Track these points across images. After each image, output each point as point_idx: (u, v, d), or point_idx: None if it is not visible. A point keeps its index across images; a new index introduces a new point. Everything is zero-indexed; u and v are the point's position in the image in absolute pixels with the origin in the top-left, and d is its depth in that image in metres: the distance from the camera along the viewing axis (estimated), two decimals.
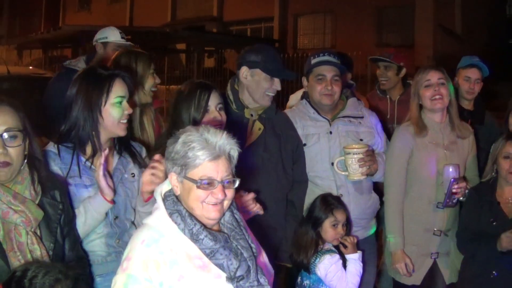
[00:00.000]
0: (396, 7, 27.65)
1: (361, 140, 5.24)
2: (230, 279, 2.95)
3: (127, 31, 6.76)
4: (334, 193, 5.08)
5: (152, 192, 3.49)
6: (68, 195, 3.62)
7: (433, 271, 5.32)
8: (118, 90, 3.82)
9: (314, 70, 5.27)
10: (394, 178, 5.19)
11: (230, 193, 3.04)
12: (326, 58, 5.27)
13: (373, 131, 5.36)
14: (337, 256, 4.66)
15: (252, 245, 3.13)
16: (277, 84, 5.01)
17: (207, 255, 2.95)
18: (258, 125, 4.98)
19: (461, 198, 5.10)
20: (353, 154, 4.96)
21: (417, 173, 5.21)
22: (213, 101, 4.23)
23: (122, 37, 7.10)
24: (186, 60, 31.65)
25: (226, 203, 3.05)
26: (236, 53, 27.19)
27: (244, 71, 5.03)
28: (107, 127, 3.84)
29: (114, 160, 3.99)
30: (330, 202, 4.79)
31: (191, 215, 2.98)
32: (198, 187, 2.97)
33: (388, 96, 6.85)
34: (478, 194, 5.07)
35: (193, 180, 2.96)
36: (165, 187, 3.15)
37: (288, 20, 32.86)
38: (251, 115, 5.00)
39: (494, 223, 4.88)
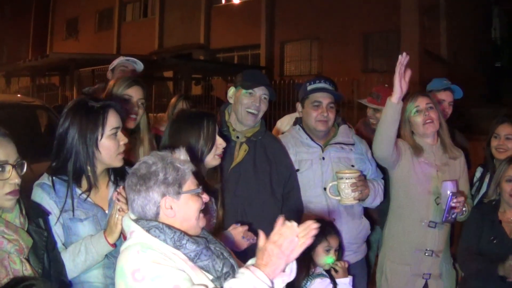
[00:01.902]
0: (382, 33, 27.90)
1: (352, 166, 5.26)
2: (218, 278, 2.99)
3: (114, 59, 6.79)
4: (326, 218, 5.10)
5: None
6: (48, 223, 3.60)
7: None
8: (112, 121, 3.74)
9: (310, 97, 5.29)
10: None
11: None
12: (323, 85, 5.29)
13: (364, 157, 5.39)
14: (327, 280, 4.65)
15: (226, 248, 3.23)
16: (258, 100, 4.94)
17: (192, 259, 2.99)
18: (244, 147, 4.94)
19: (460, 215, 5.13)
20: (346, 179, 4.98)
21: (410, 190, 5.24)
22: (217, 129, 4.23)
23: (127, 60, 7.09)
24: (174, 88, 31.72)
25: None
26: (223, 80, 27.34)
27: (230, 92, 5.09)
28: (104, 160, 3.75)
29: (110, 191, 3.88)
30: (323, 227, 4.79)
31: (168, 226, 3.02)
32: (197, 195, 3.10)
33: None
34: (480, 213, 5.15)
35: (193, 190, 3.08)
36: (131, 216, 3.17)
37: (274, 47, 33.04)
38: (237, 137, 4.97)
39: (495, 241, 4.93)
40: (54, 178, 3.75)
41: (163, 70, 32.39)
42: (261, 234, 2.96)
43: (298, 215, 5.09)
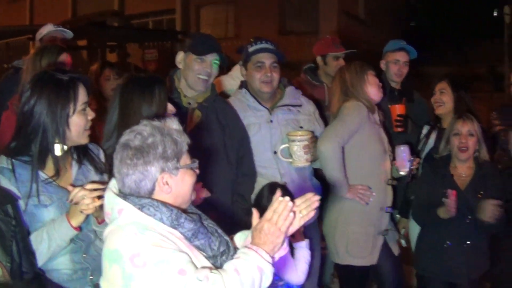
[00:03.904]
0: None
1: (301, 127, 5.30)
2: (213, 256, 2.92)
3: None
4: (278, 181, 5.13)
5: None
6: (18, 209, 3.34)
7: (384, 247, 5.46)
8: (82, 96, 3.53)
9: (252, 58, 5.30)
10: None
11: None
12: (264, 45, 5.31)
13: (312, 118, 5.44)
14: (284, 245, 4.66)
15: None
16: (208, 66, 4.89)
17: (189, 238, 2.88)
18: (196, 113, 4.90)
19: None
20: (298, 141, 5.00)
21: (371, 152, 5.33)
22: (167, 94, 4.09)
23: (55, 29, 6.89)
24: (88, 56, 31.11)
25: None
26: (139, 47, 26.93)
27: (179, 57, 4.99)
28: (71, 138, 3.53)
29: (73, 170, 3.67)
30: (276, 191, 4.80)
31: (164, 203, 2.88)
32: (192, 169, 2.99)
33: (324, 83, 6.91)
34: (432, 168, 5.29)
35: (190, 164, 2.97)
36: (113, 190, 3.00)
37: (190, 12, 32.65)
38: (189, 104, 4.92)
39: (447, 194, 5.02)
40: (13, 160, 3.47)
41: (77, 39, 31.69)
42: (255, 213, 2.96)
43: (252, 180, 5.12)
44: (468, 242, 5.10)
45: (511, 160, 5.50)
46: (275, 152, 5.23)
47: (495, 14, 29.14)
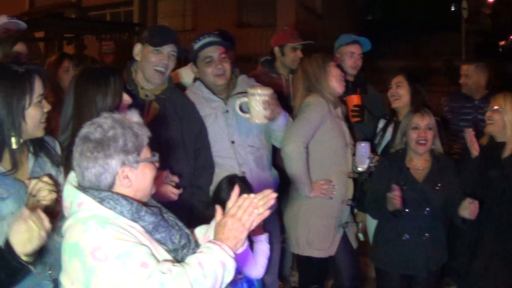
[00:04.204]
0: None
1: None
2: (174, 250, 2.90)
3: None
4: (236, 170, 5.15)
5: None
6: None
7: (343, 240, 5.49)
8: (39, 88, 3.45)
9: (200, 55, 5.27)
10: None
11: None
12: (208, 39, 5.27)
13: None
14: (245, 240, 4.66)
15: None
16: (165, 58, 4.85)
17: (150, 231, 2.86)
18: (154, 105, 4.86)
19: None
20: (258, 95, 4.90)
21: (333, 146, 5.37)
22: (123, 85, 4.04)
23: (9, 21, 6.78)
24: (45, 48, 30.77)
25: None
26: (96, 39, 26.73)
27: (136, 49, 4.95)
28: (27, 130, 3.45)
29: (30, 163, 3.59)
30: (236, 184, 4.78)
31: (124, 196, 2.85)
32: (153, 163, 2.96)
33: (282, 75, 6.91)
34: (388, 161, 5.29)
35: (150, 158, 2.95)
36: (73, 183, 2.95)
37: (147, 4, 32.47)
38: (146, 96, 4.88)
39: (405, 187, 5.08)
40: None
41: (34, 31, 31.35)
42: (218, 209, 2.96)
43: (210, 172, 5.11)
44: (427, 235, 5.13)
45: (464, 152, 5.56)
46: (232, 142, 5.23)
47: (453, 8, 29.46)
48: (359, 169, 5.47)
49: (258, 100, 4.90)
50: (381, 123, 6.13)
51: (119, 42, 25.38)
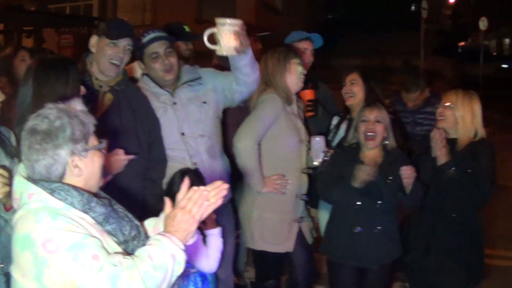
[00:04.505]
0: None
1: (204, 103, 5.31)
2: (125, 242, 2.89)
3: None
4: (188, 162, 5.15)
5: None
6: None
7: (299, 235, 5.50)
8: None
9: (146, 51, 5.24)
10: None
11: None
12: (152, 35, 5.25)
13: (216, 85, 5.42)
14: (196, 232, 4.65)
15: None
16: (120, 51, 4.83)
17: (100, 223, 2.84)
18: (108, 96, 4.84)
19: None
20: (228, 25, 4.55)
21: (287, 142, 5.38)
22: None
23: None
24: (4, 41, 30.42)
25: None
26: (55, 33, 26.49)
27: (92, 41, 4.92)
28: None
29: None
30: (189, 178, 4.76)
31: (74, 187, 2.82)
32: (100, 151, 2.95)
33: None
34: (342, 154, 5.32)
35: (98, 145, 2.93)
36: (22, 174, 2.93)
37: None
38: (100, 87, 4.85)
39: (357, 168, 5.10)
40: None
41: None
42: (167, 201, 2.97)
43: (163, 165, 5.11)
44: (379, 228, 5.16)
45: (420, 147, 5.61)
46: (182, 134, 5.22)
47: (413, 8, 29.73)
48: (314, 163, 5.50)
49: (228, 30, 4.55)
50: (335, 120, 6.17)
51: (78, 36, 25.18)
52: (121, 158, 4.18)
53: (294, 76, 5.44)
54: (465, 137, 5.21)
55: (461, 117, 5.21)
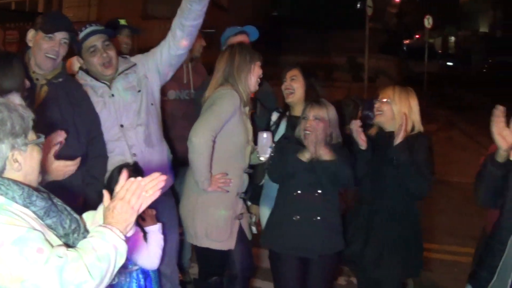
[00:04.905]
0: None
1: (139, 91, 5.33)
2: (66, 235, 2.87)
3: None
4: (127, 154, 5.18)
5: None
6: None
7: (239, 231, 5.51)
8: None
9: (84, 46, 5.23)
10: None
11: None
12: (90, 29, 5.24)
13: (148, 68, 5.47)
14: (136, 229, 4.63)
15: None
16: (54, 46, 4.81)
17: (41, 217, 2.82)
18: (44, 89, 4.81)
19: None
20: None
21: (235, 141, 5.37)
22: None
23: None
24: None
25: None
26: (0, 29, 26.12)
27: (29, 35, 4.91)
28: None
29: None
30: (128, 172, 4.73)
31: (15, 181, 2.79)
32: (39, 145, 2.92)
33: (184, 64, 6.84)
34: (288, 140, 5.35)
35: (38, 140, 2.90)
36: None
37: None
38: (37, 80, 4.81)
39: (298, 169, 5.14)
40: None
41: None
42: (106, 194, 2.98)
43: (104, 161, 5.10)
44: (318, 217, 5.19)
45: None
46: (121, 126, 5.23)
47: (358, 6, 29.95)
48: (261, 158, 5.52)
49: None
50: (274, 116, 6.15)
51: (23, 32, 24.86)
52: (64, 166, 4.13)
53: (255, 78, 5.44)
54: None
55: (398, 112, 5.26)
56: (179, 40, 5.35)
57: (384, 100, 5.32)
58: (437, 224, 9.79)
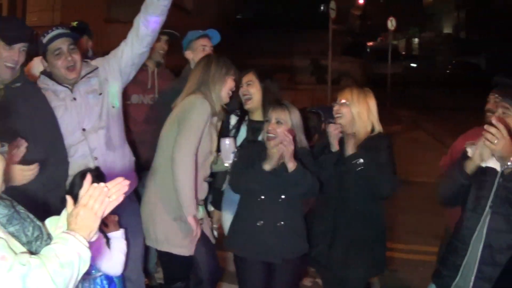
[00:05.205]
0: None
1: (100, 94, 5.30)
2: (28, 242, 2.86)
3: None
4: (89, 157, 5.14)
5: None
6: None
7: (201, 236, 5.48)
8: None
9: (49, 48, 5.18)
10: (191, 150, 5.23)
11: None
12: (56, 32, 5.18)
13: (110, 69, 5.44)
14: (99, 235, 4.60)
15: None
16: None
17: (4, 224, 2.81)
18: (1, 93, 4.73)
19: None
20: None
21: (200, 148, 5.33)
22: None
23: None
24: None
25: None
26: None
27: None
28: None
29: None
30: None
31: None
32: (2, 154, 2.91)
33: (147, 67, 6.83)
34: (250, 150, 5.37)
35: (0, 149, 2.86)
36: None
37: None
38: None
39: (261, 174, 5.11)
40: None
41: None
42: (69, 200, 2.96)
43: (66, 166, 5.03)
44: (282, 222, 5.18)
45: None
46: (83, 129, 5.19)
47: (322, 8, 30.08)
48: (226, 164, 5.52)
49: None
50: (233, 120, 6.14)
51: None
52: (21, 171, 4.10)
53: (227, 90, 5.44)
54: (363, 132, 5.28)
55: (357, 113, 5.28)
56: (143, 37, 5.32)
57: (343, 102, 5.34)
58: (403, 224, 9.86)
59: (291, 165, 5.02)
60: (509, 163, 3.78)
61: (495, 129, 3.73)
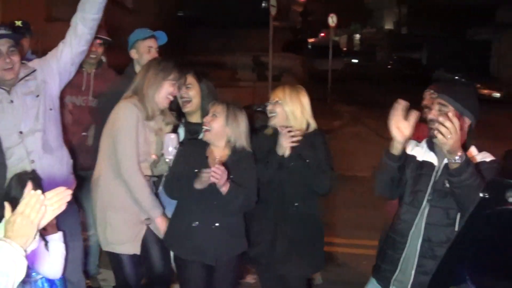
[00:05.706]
0: None
1: (37, 96, 5.22)
2: None
3: None
4: (26, 160, 5.08)
5: None
6: None
7: (150, 235, 5.48)
8: None
9: None
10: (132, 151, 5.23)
11: None
12: None
13: (48, 71, 5.37)
14: (36, 237, 4.55)
15: None
16: None
17: None
18: None
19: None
20: None
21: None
22: None
23: None
24: None
25: None
26: None
27: None
28: None
29: None
30: (25, 181, 4.63)
31: None
32: None
33: (83, 69, 6.75)
34: (191, 147, 5.31)
35: None
36: None
37: None
38: None
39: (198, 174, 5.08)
40: None
41: None
42: (7, 206, 2.94)
43: (3, 170, 5.01)
44: (217, 224, 5.16)
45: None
46: (20, 132, 5.11)
47: (263, 5, 30.11)
48: (167, 160, 5.48)
49: None
50: None
51: None
52: None
53: (163, 95, 5.36)
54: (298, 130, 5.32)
55: (291, 112, 5.31)
56: (81, 36, 5.28)
57: (276, 101, 5.37)
58: (345, 218, 9.97)
59: (223, 190, 5.01)
60: (456, 157, 3.82)
61: (450, 123, 3.76)
